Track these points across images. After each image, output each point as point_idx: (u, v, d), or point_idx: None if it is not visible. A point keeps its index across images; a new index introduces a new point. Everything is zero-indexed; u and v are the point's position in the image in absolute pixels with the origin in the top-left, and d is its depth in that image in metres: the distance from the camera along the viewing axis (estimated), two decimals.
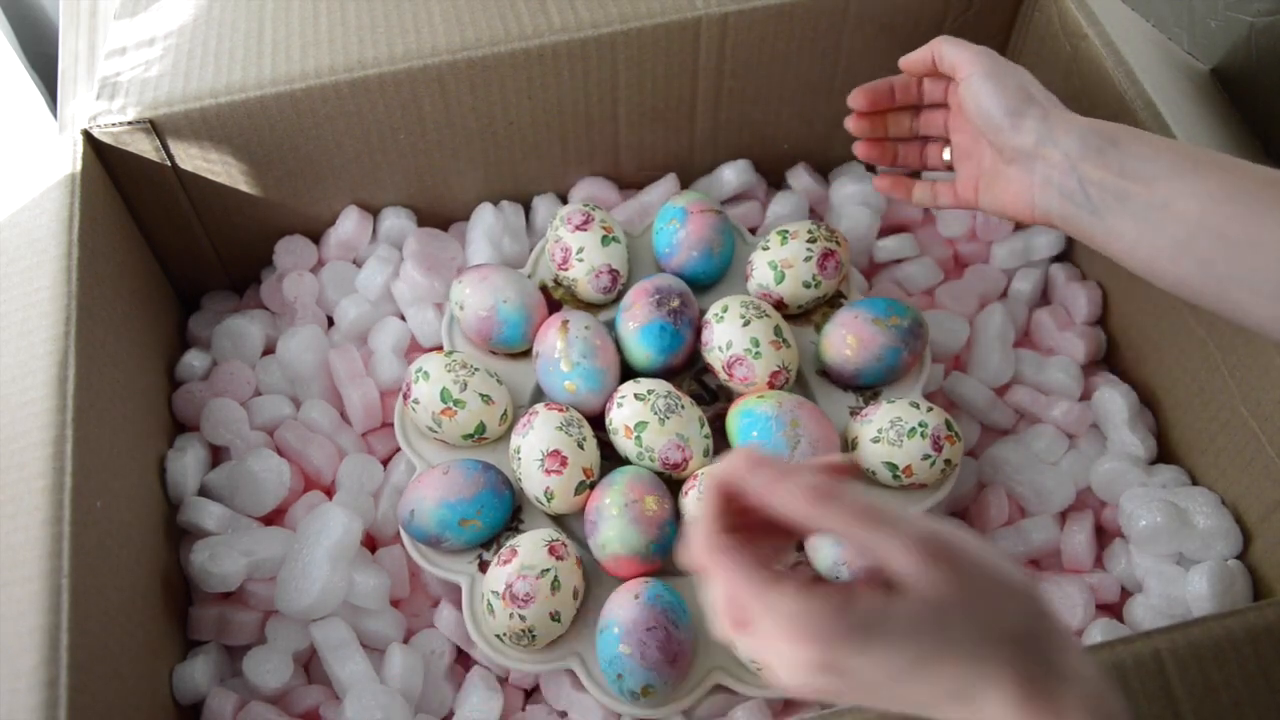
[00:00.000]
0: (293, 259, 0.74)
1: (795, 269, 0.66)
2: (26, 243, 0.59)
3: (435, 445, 0.64)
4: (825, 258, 0.66)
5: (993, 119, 0.53)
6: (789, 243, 0.67)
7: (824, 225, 0.68)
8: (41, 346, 0.54)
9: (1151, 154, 0.48)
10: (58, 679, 0.45)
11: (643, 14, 0.68)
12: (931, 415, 0.61)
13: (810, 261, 0.66)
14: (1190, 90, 0.72)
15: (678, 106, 0.74)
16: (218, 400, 0.68)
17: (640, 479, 0.59)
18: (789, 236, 0.67)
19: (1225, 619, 0.44)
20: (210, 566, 0.59)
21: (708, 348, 0.65)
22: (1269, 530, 0.59)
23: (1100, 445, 0.67)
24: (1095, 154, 0.49)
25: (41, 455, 0.51)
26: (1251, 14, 0.72)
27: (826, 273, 0.67)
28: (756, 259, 0.68)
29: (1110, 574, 0.63)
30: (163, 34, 0.69)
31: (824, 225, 0.68)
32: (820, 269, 0.66)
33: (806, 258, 0.66)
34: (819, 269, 0.66)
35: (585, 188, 0.77)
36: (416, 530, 0.60)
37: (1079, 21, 0.67)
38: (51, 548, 0.48)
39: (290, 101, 0.66)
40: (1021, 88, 0.52)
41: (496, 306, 0.66)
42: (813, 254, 0.66)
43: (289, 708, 0.59)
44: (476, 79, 0.68)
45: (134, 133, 0.65)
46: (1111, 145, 0.49)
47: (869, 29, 0.72)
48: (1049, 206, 0.51)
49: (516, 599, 0.55)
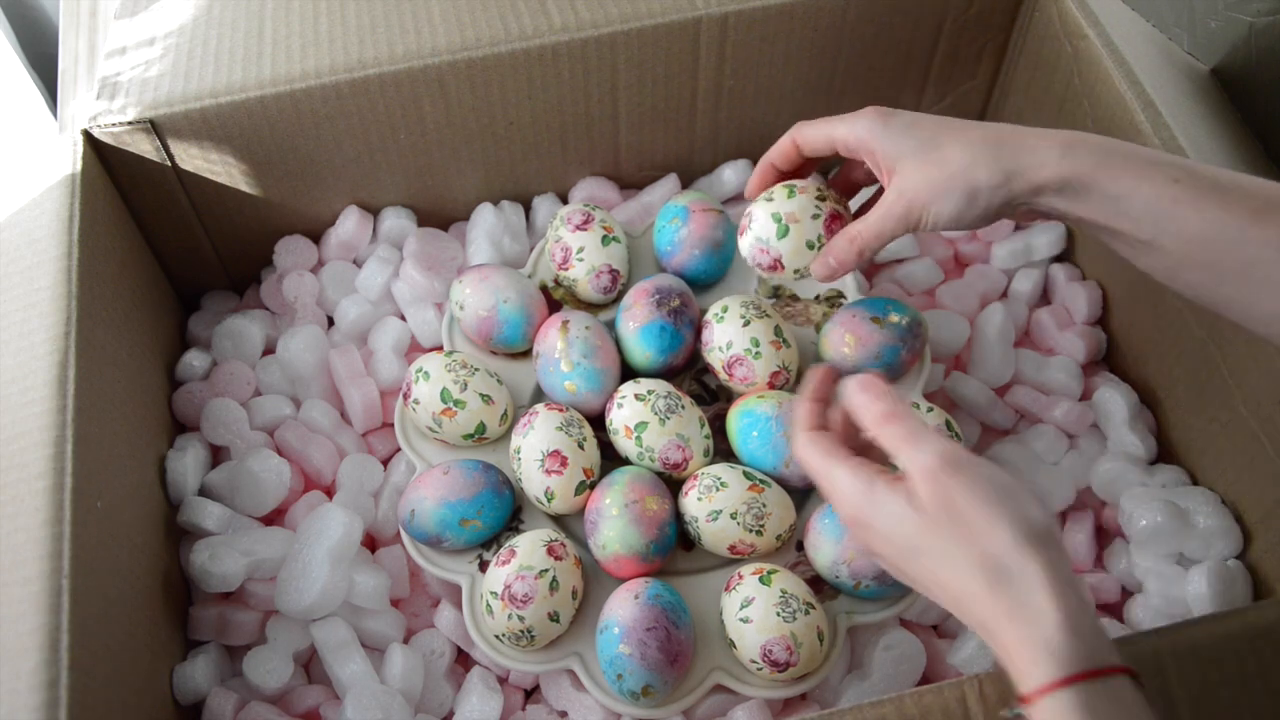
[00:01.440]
0: (293, 259, 0.74)
1: (801, 225, 0.57)
2: (26, 243, 0.59)
3: (435, 445, 0.64)
4: (833, 220, 0.57)
5: (986, 204, 0.48)
6: (796, 196, 0.57)
7: (832, 188, 0.60)
8: (42, 347, 0.54)
9: (1128, 191, 0.45)
10: (58, 679, 0.45)
11: (643, 14, 0.68)
12: (932, 415, 0.61)
13: (818, 220, 0.57)
14: (1190, 90, 0.72)
15: (678, 106, 0.74)
16: (218, 400, 0.68)
17: (640, 479, 0.59)
18: (796, 190, 0.58)
19: (1225, 619, 0.44)
20: (210, 566, 0.59)
21: (708, 348, 0.65)
22: (1269, 530, 0.59)
23: (1100, 445, 0.67)
24: (1077, 201, 0.46)
25: (42, 455, 0.51)
26: (1251, 14, 0.72)
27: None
28: (757, 210, 0.58)
29: (1110, 574, 0.63)
30: (163, 34, 0.69)
31: (832, 188, 0.60)
32: (827, 231, 0.57)
33: (815, 215, 0.57)
34: (826, 231, 0.57)
35: (585, 188, 0.77)
36: (417, 530, 0.60)
37: (1079, 21, 0.67)
38: (52, 548, 0.48)
39: (290, 101, 0.66)
40: (982, 164, 0.48)
41: (497, 306, 0.66)
42: (821, 213, 0.57)
43: (289, 708, 0.59)
44: (477, 79, 0.68)
45: (134, 133, 0.65)
46: (1088, 190, 0.46)
47: (869, 29, 0.72)
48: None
49: (515, 599, 0.55)
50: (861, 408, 0.44)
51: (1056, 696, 0.36)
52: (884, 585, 0.56)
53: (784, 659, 0.53)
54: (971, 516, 0.39)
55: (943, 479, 0.40)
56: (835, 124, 0.53)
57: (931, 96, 0.79)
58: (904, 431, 0.42)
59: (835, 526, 0.57)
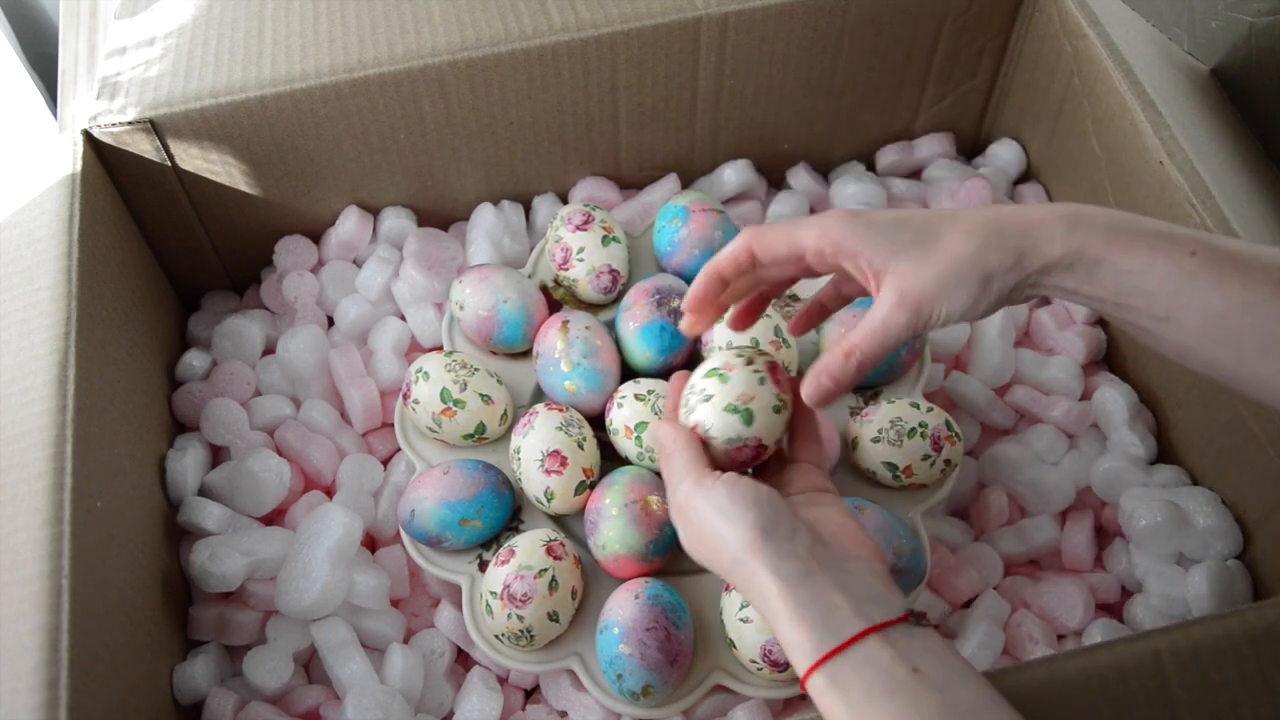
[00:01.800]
0: (293, 259, 0.74)
1: (758, 399, 0.48)
2: (26, 243, 0.59)
3: (435, 445, 0.64)
4: (773, 371, 0.49)
5: (990, 305, 0.45)
6: (730, 376, 0.49)
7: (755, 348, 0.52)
8: (42, 347, 0.54)
9: (1142, 266, 0.42)
10: (58, 679, 0.45)
11: (643, 14, 0.68)
12: (932, 415, 0.61)
13: (765, 383, 0.49)
14: (1190, 90, 0.72)
15: (678, 106, 0.74)
16: (218, 400, 0.68)
17: (640, 479, 0.59)
18: (721, 370, 0.49)
19: (1224, 620, 0.44)
20: (210, 566, 0.59)
21: (708, 348, 0.65)
22: (1269, 530, 0.59)
23: (1100, 445, 0.67)
24: (1086, 279, 0.43)
25: (42, 455, 0.51)
26: (1251, 14, 0.72)
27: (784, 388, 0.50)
28: (707, 413, 0.48)
29: (1110, 574, 0.63)
30: (163, 34, 0.69)
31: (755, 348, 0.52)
32: (776, 383, 0.49)
33: (761, 378, 0.49)
34: (775, 384, 0.49)
35: (586, 188, 0.77)
36: (417, 530, 0.60)
37: (1079, 22, 0.67)
38: (52, 548, 0.48)
39: (290, 101, 0.66)
40: (983, 269, 0.44)
41: (497, 306, 0.66)
42: (762, 371, 0.49)
43: (289, 708, 0.59)
44: (477, 79, 0.68)
45: (134, 133, 0.65)
46: (1099, 265, 0.43)
47: (869, 29, 0.72)
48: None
49: (514, 599, 0.55)
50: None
51: (810, 683, 0.40)
52: None
53: (784, 659, 0.53)
54: (709, 529, 0.45)
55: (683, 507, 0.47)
56: (799, 229, 0.46)
57: (931, 96, 0.79)
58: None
59: None
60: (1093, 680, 0.43)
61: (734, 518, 0.44)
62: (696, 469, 0.47)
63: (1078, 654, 0.43)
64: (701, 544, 0.46)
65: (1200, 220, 0.58)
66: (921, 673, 0.38)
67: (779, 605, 0.41)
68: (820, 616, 0.40)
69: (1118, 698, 0.42)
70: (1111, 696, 0.42)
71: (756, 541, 0.43)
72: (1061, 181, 0.75)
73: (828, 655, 0.39)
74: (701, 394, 0.49)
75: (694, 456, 0.48)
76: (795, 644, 0.40)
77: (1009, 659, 0.60)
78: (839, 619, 0.40)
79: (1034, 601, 0.62)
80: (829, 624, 0.40)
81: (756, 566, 0.42)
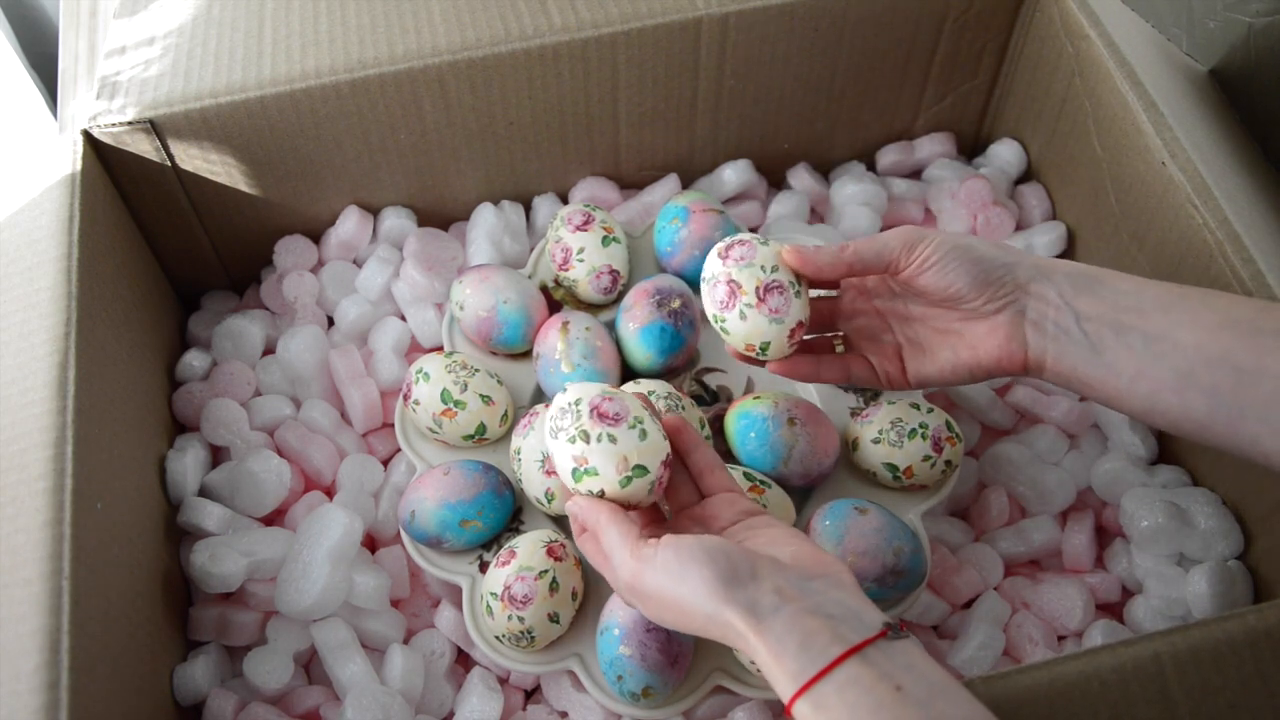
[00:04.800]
0: (293, 259, 0.74)
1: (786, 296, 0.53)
2: (26, 243, 0.59)
3: (436, 446, 0.64)
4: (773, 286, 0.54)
5: (988, 271, 0.50)
6: (750, 264, 0.54)
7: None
8: (42, 347, 0.54)
9: (1136, 289, 0.48)
10: (59, 681, 0.45)
11: (643, 14, 0.68)
12: (932, 416, 0.61)
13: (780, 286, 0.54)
14: (1189, 91, 0.72)
15: (678, 106, 0.74)
16: (218, 400, 0.68)
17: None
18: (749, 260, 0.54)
19: (1224, 622, 0.44)
20: (210, 567, 0.59)
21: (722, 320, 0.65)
22: (1269, 530, 0.59)
23: (1101, 445, 0.67)
24: (1086, 291, 0.48)
25: (42, 456, 0.50)
26: (1250, 15, 0.72)
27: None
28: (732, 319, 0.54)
29: (1111, 574, 0.63)
30: (163, 34, 0.69)
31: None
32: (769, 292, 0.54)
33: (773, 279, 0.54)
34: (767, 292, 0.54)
35: (586, 188, 0.77)
36: (417, 531, 0.60)
37: (1080, 22, 0.67)
38: (52, 549, 0.48)
39: (290, 101, 0.66)
40: (992, 244, 0.51)
41: (497, 307, 0.66)
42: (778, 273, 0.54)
43: (289, 708, 0.59)
44: (477, 79, 0.68)
45: (134, 133, 0.65)
46: (1098, 283, 0.48)
47: (869, 29, 0.72)
48: (1042, 349, 0.49)
49: (515, 600, 0.55)
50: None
51: (795, 710, 0.40)
52: (883, 587, 0.56)
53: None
54: (669, 598, 0.45)
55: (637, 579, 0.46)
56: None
57: (931, 96, 0.79)
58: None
59: (835, 527, 0.57)
60: (1093, 682, 0.43)
61: (692, 579, 0.43)
62: (630, 541, 0.46)
63: (1078, 656, 0.43)
64: (666, 612, 0.45)
65: (1203, 221, 0.58)
66: (904, 690, 0.38)
67: (757, 643, 0.41)
68: (799, 645, 0.40)
69: (1117, 700, 0.42)
70: (1111, 699, 0.42)
71: (721, 593, 0.42)
72: (1062, 182, 0.75)
73: (809, 682, 0.39)
74: (582, 458, 0.48)
75: (624, 529, 0.47)
76: (777, 676, 0.41)
77: (1009, 660, 0.60)
78: (818, 645, 0.40)
79: (1034, 602, 0.62)
80: (808, 651, 0.40)
81: (730, 617, 0.42)
